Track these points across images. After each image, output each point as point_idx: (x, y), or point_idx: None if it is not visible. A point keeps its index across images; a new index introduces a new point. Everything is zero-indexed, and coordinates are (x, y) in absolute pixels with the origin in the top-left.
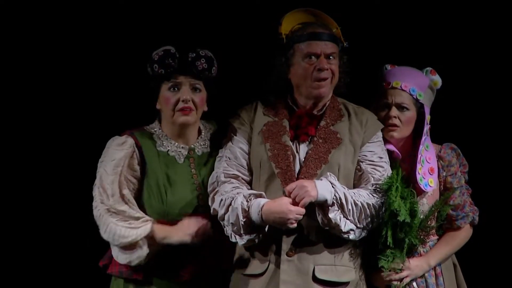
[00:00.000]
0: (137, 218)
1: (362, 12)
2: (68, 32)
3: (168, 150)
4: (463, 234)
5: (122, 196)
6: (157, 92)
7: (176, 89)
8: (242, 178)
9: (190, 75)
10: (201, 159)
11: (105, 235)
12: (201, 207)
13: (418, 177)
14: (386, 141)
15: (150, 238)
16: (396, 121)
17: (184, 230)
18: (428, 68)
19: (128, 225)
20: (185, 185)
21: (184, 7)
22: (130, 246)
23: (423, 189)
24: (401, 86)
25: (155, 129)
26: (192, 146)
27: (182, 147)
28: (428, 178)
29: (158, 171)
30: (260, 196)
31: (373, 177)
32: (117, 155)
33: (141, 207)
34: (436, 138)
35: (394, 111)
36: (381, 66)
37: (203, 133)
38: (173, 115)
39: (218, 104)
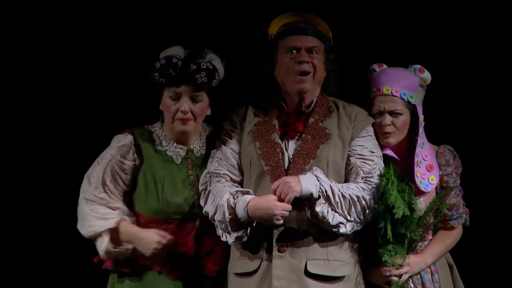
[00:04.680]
0: (112, 208)
1: (354, 12)
2: (75, 33)
3: (166, 150)
4: (456, 234)
5: (104, 185)
6: (160, 95)
7: (176, 98)
8: (232, 178)
9: (190, 86)
10: (199, 160)
11: (78, 225)
12: (196, 207)
13: (417, 180)
14: (383, 146)
15: (114, 234)
16: (391, 128)
17: (146, 245)
18: (416, 66)
19: (98, 215)
20: (181, 185)
21: (185, 7)
22: (96, 237)
23: (425, 190)
24: (391, 92)
25: (156, 129)
26: (191, 147)
27: (180, 148)
28: (428, 177)
29: (156, 169)
30: (247, 193)
31: (362, 170)
32: (111, 150)
33: (135, 204)
34: (429, 140)
35: (387, 119)
36: (370, 65)
37: (201, 135)
38: (173, 122)
39: (214, 106)
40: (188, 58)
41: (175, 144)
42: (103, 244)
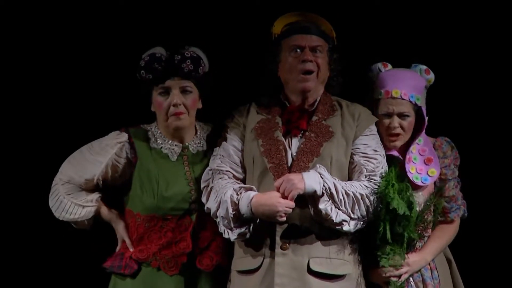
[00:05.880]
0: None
1: (354, 11)
2: (71, 34)
3: (162, 147)
4: (455, 228)
5: (94, 176)
6: (149, 96)
7: (166, 93)
8: (235, 175)
9: (178, 77)
10: (196, 157)
11: (51, 202)
12: (193, 203)
13: (412, 176)
14: (387, 147)
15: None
16: (399, 131)
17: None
18: (422, 67)
19: (75, 200)
20: (178, 181)
21: (185, 7)
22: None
23: (422, 184)
24: (401, 95)
25: (151, 127)
26: (187, 144)
27: (175, 145)
28: (427, 170)
29: (150, 166)
30: (250, 189)
31: (366, 168)
32: (107, 142)
33: (131, 204)
34: (427, 132)
35: (396, 121)
36: (373, 64)
37: (199, 133)
38: (167, 119)
39: (214, 105)
40: (171, 52)
41: (170, 141)
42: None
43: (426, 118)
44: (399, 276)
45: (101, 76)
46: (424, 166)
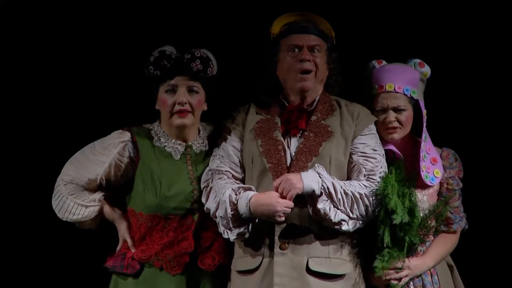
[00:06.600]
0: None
1: (353, 10)
2: (73, 33)
3: (165, 146)
4: (456, 239)
5: (97, 176)
6: (155, 93)
7: (172, 91)
8: (234, 175)
9: (186, 76)
10: (198, 157)
11: (54, 203)
12: (196, 203)
13: (423, 174)
14: (386, 142)
15: (96, 217)
16: (396, 124)
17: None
18: (416, 60)
19: (78, 200)
20: (181, 180)
21: (186, 7)
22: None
23: (430, 184)
24: (394, 89)
25: (154, 126)
26: (190, 143)
27: (179, 144)
28: (432, 170)
29: (153, 165)
30: (249, 189)
31: (365, 168)
32: (110, 141)
33: (133, 204)
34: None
35: (392, 115)
36: (369, 61)
37: (201, 133)
38: (170, 117)
39: (216, 105)
40: (184, 49)
41: (173, 140)
42: (78, 222)
43: (425, 111)
44: (400, 279)
45: (103, 76)
46: (431, 165)
